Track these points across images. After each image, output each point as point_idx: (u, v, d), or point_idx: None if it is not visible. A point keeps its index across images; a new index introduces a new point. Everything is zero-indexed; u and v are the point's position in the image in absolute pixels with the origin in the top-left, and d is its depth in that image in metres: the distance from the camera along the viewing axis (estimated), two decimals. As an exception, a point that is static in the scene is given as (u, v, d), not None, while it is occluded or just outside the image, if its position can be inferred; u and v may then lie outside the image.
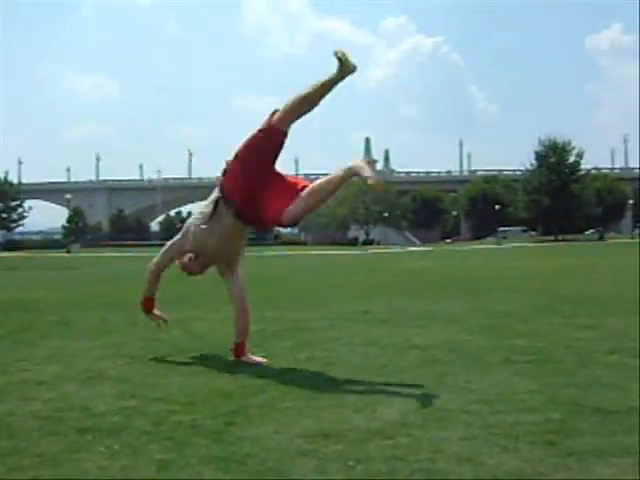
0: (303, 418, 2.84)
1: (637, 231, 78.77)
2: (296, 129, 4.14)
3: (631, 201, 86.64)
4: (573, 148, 72.10)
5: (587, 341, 4.80)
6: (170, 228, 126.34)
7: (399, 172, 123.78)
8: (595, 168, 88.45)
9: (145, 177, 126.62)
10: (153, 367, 4.13)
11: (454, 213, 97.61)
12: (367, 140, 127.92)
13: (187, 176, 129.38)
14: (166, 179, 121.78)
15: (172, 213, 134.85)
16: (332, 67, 3.92)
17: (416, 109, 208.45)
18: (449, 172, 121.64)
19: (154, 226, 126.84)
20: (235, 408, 3.03)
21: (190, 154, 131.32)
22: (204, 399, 3.21)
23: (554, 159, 70.98)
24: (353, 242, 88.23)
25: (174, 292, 10.74)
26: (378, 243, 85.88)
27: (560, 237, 68.11)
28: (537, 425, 2.69)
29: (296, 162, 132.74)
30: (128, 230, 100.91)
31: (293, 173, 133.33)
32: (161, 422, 2.84)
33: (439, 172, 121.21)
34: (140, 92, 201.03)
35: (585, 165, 75.67)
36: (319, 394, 3.27)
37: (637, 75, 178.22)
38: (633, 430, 2.61)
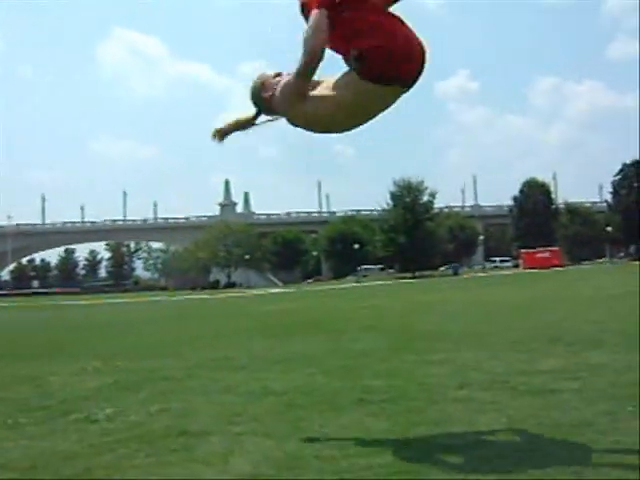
0: (151, 476, 2.72)
1: (489, 265, 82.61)
2: (154, 172, 3.92)
3: (481, 237, 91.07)
4: (426, 188, 75.17)
5: (439, 377, 4.92)
6: (22, 277, 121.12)
7: (259, 214, 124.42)
8: (447, 207, 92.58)
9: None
10: (-6, 430, 3.87)
11: (314, 253, 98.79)
12: (226, 183, 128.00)
13: (40, 222, 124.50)
14: (18, 225, 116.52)
15: (24, 261, 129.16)
16: (190, 107, 3.73)
17: (275, 151, 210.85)
18: (309, 213, 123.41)
19: (5, 275, 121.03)
20: (80, 470, 2.87)
21: (44, 199, 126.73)
22: (47, 463, 3.02)
23: (409, 199, 73.61)
24: (215, 285, 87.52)
25: (28, 344, 10.25)
26: (240, 285, 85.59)
27: (417, 274, 70.27)
28: (388, 466, 2.71)
29: (155, 205, 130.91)
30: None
31: (151, 217, 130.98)
32: (-3, 491, 2.65)
33: (299, 213, 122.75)
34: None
35: (438, 204, 79.00)
36: (170, 449, 3.16)
37: (483, 118, 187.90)
38: (479, 464, 2.67)
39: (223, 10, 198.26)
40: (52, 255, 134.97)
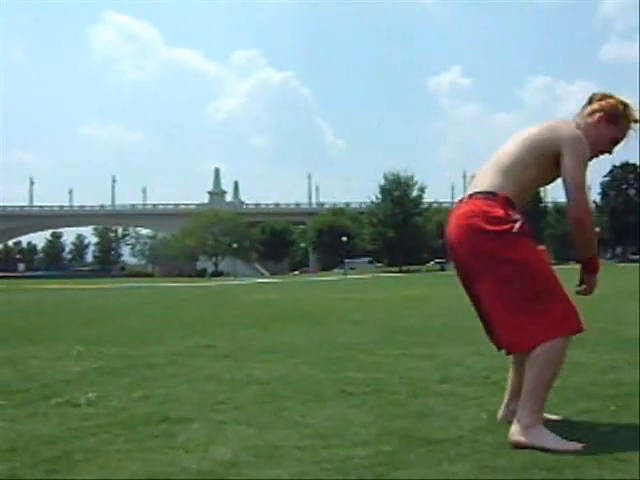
0: (131, 462, 2.72)
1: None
2: (144, 157, 3.89)
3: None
4: (415, 183, 75.25)
5: (421, 371, 4.94)
6: (8, 259, 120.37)
7: (248, 204, 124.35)
8: (436, 202, 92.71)
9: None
10: (-26, 412, 3.85)
11: (302, 245, 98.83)
12: (216, 171, 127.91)
13: (28, 204, 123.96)
14: (4, 207, 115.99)
15: (11, 243, 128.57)
16: (181, 94, 3.72)
17: (266, 141, 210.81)
18: (298, 204, 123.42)
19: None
20: (59, 454, 2.86)
21: (32, 182, 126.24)
22: (26, 445, 3.01)
23: (398, 193, 73.66)
24: (201, 274, 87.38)
25: (10, 327, 10.19)
26: (227, 274, 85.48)
27: (404, 268, 70.42)
28: (368, 458, 2.72)
29: (144, 192, 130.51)
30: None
31: (140, 203, 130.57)
32: (-25, 474, 2.64)
33: (288, 204, 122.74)
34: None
35: (427, 199, 79.18)
36: (150, 435, 3.15)
37: (474, 115, 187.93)
38: (458, 458, 2.69)
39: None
40: (39, 238, 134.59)
